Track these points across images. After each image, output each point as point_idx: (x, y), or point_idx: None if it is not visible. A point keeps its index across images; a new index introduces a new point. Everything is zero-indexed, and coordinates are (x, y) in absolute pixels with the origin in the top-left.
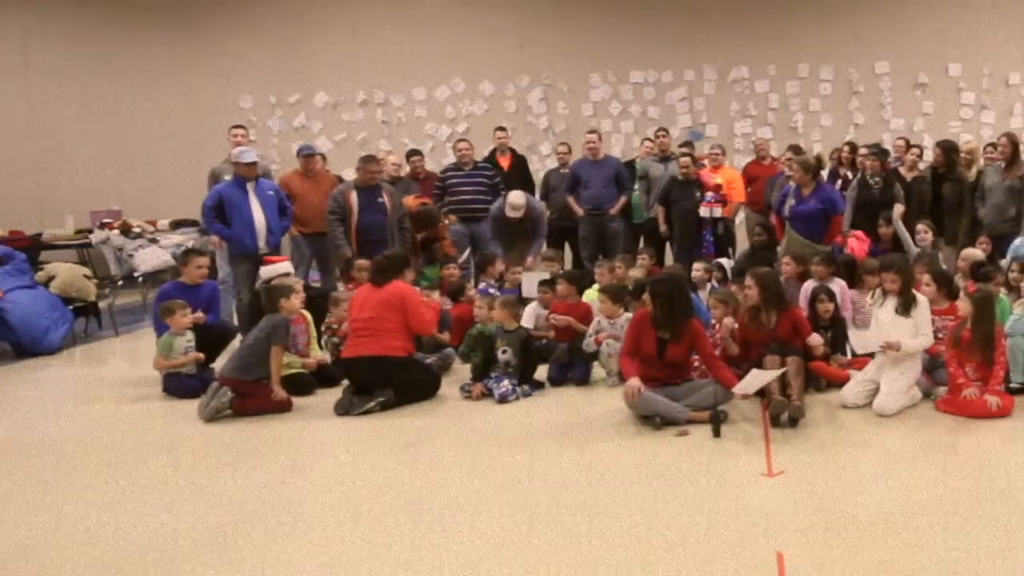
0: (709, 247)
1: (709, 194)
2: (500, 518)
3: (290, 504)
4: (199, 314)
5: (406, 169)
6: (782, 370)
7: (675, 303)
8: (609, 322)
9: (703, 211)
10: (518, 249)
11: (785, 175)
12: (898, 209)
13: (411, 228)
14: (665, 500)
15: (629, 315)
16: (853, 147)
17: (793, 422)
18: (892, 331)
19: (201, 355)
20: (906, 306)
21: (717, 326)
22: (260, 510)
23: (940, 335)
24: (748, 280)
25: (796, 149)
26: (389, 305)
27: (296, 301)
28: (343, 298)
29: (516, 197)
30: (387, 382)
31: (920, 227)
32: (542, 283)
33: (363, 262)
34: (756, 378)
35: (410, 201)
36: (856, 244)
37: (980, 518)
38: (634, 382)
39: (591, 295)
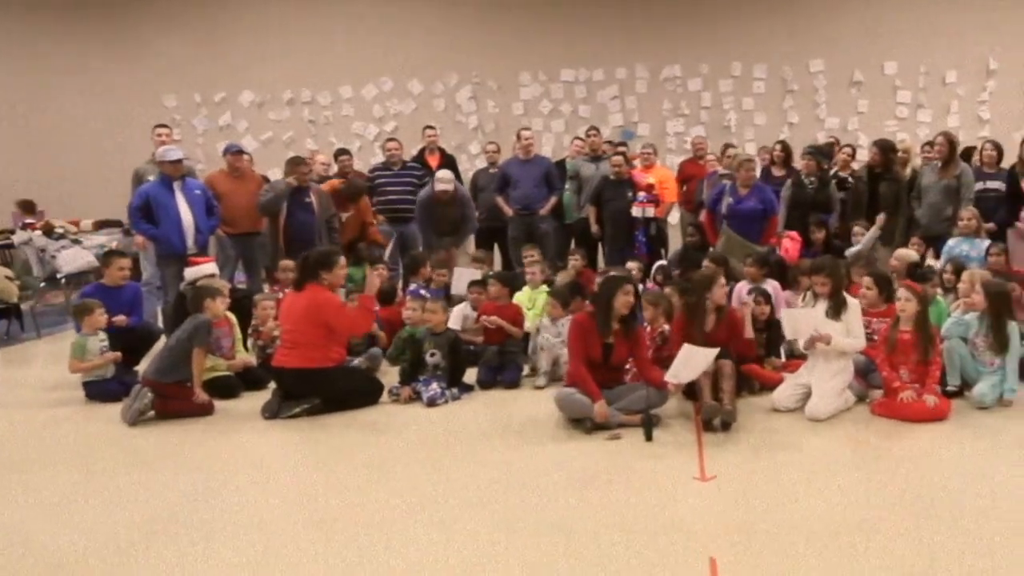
0: (641, 248)
1: (641, 194)
2: (430, 523)
3: (211, 510)
4: (121, 317)
5: (335, 168)
6: (715, 350)
7: (632, 307)
8: (552, 323)
9: (635, 211)
10: (446, 245)
11: (720, 174)
12: (880, 218)
13: (338, 217)
14: (596, 505)
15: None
16: (785, 146)
17: (726, 426)
18: (827, 327)
19: (118, 355)
20: (836, 309)
21: (649, 328)
22: (180, 516)
23: (873, 337)
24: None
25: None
26: (307, 318)
27: (220, 304)
28: (266, 300)
29: (444, 173)
30: (316, 392)
31: (856, 228)
32: (473, 283)
33: (288, 263)
34: (687, 359)
35: (332, 183)
36: (790, 245)
37: (917, 523)
38: (603, 408)
39: (521, 298)
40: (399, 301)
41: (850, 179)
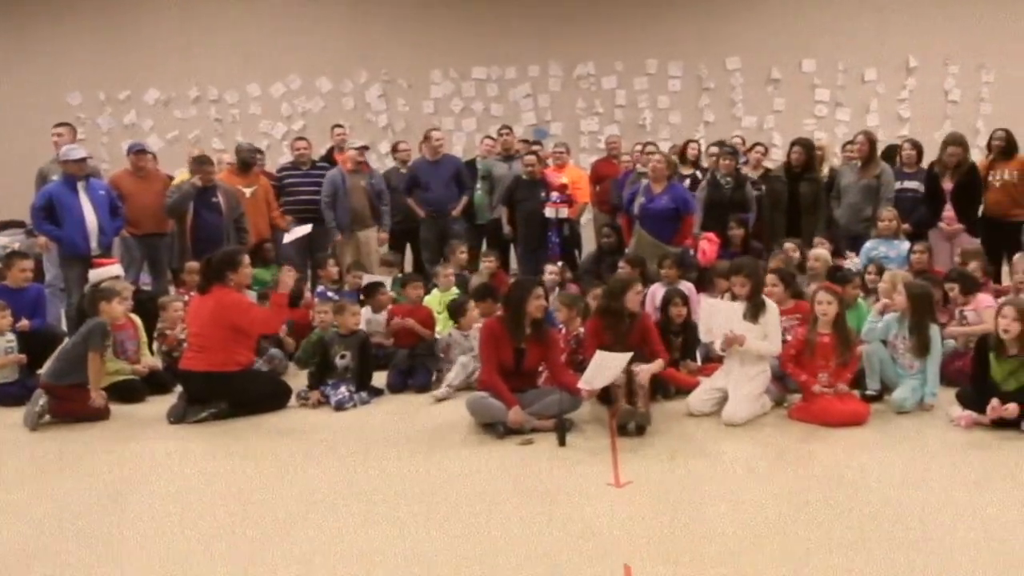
0: (555, 249)
1: (554, 194)
2: (339, 530)
3: (114, 520)
4: (24, 322)
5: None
6: (627, 355)
7: (544, 311)
8: (463, 334)
9: (548, 212)
10: (355, 233)
11: (636, 173)
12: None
13: (246, 217)
14: (509, 511)
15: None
16: (698, 147)
17: (640, 430)
18: (744, 330)
19: (22, 357)
20: (755, 311)
21: (563, 329)
22: (83, 526)
23: (787, 336)
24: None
25: (654, 146)
26: (215, 320)
27: (118, 306)
28: (172, 303)
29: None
30: (224, 396)
31: (788, 245)
32: (369, 287)
33: (194, 264)
34: (600, 366)
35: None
36: (707, 246)
37: (836, 530)
38: (518, 414)
39: (431, 301)
40: (306, 303)
41: (756, 179)
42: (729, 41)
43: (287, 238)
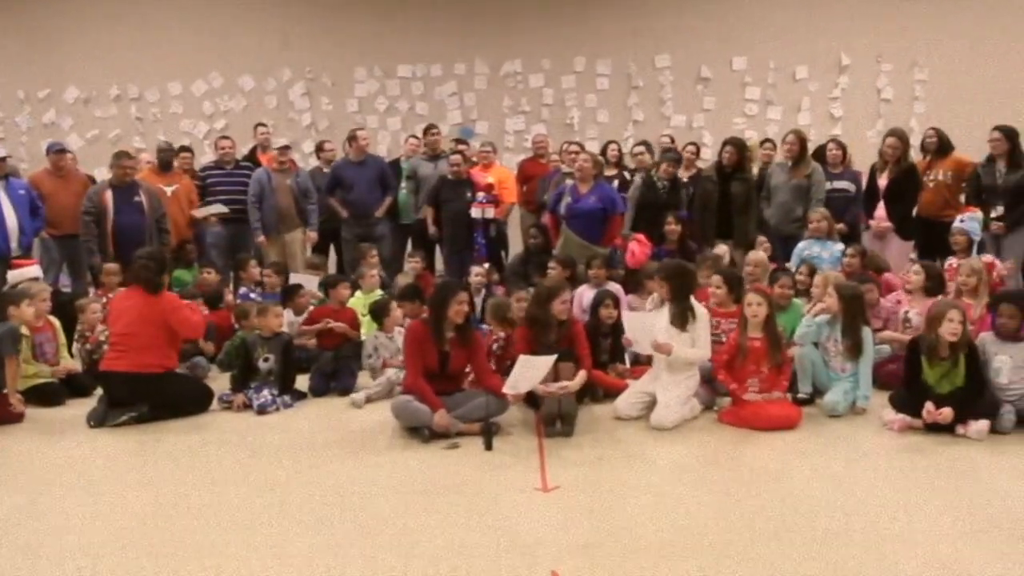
0: (481, 250)
1: (481, 194)
2: (265, 536)
3: (33, 530)
4: None
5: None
6: (552, 357)
7: (468, 314)
8: (387, 336)
9: (474, 212)
10: (280, 234)
11: (562, 173)
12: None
13: (169, 229)
14: (434, 517)
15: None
16: (619, 148)
17: (568, 426)
18: (666, 339)
19: None
20: (682, 317)
21: (491, 335)
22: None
23: (726, 338)
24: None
25: (579, 146)
26: (146, 318)
27: (27, 309)
28: (91, 304)
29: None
30: (146, 398)
31: (722, 247)
32: (289, 288)
33: (112, 266)
34: (524, 370)
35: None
36: (636, 248)
37: (768, 535)
38: (444, 417)
39: (355, 302)
40: (227, 304)
41: (687, 179)
42: (658, 39)
43: (198, 213)
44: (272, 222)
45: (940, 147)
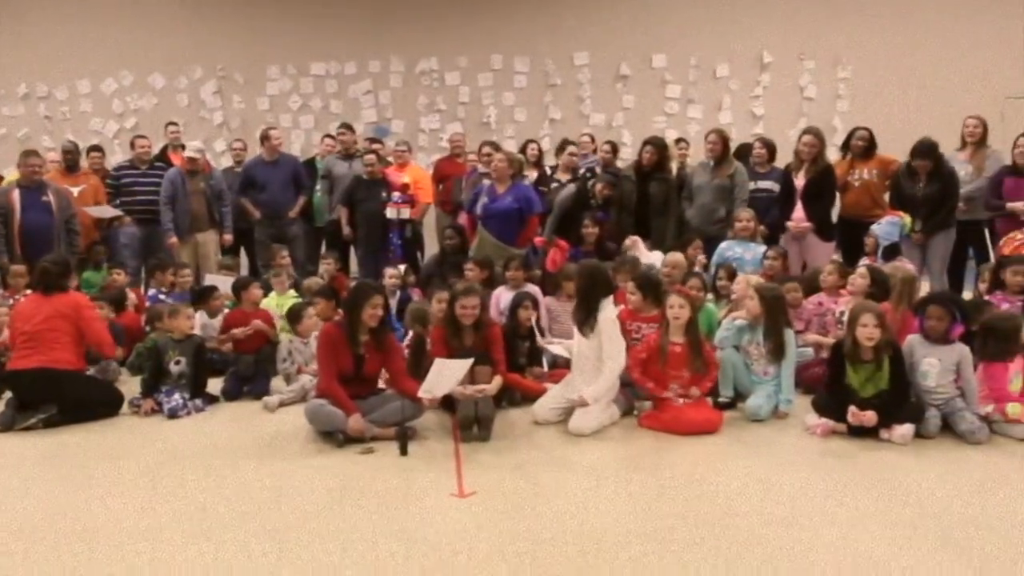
0: (396, 251)
1: (396, 194)
2: (178, 545)
3: None
4: None
5: (83, 166)
6: (468, 361)
7: (382, 318)
8: (302, 342)
9: (389, 212)
10: (192, 236)
11: (479, 172)
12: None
13: (79, 230)
14: (349, 522)
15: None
16: (539, 147)
17: (485, 429)
18: (579, 342)
19: None
20: (587, 320)
21: (409, 338)
22: None
23: (644, 338)
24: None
25: (494, 146)
26: (60, 315)
27: None
28: None
29: (195, 142)
30: (56, 397)
31: (628, 242)
32: (202, 290)
33: (19, 268)
34: (440, 373)
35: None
36: (557, 253)
37: (687, 541)
38: (358, 422)
39: (268, 303)
40: (135, 306)
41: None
42: (577, 36)
43: (91, 210)
44: (185, 224)
45: (868, 148)
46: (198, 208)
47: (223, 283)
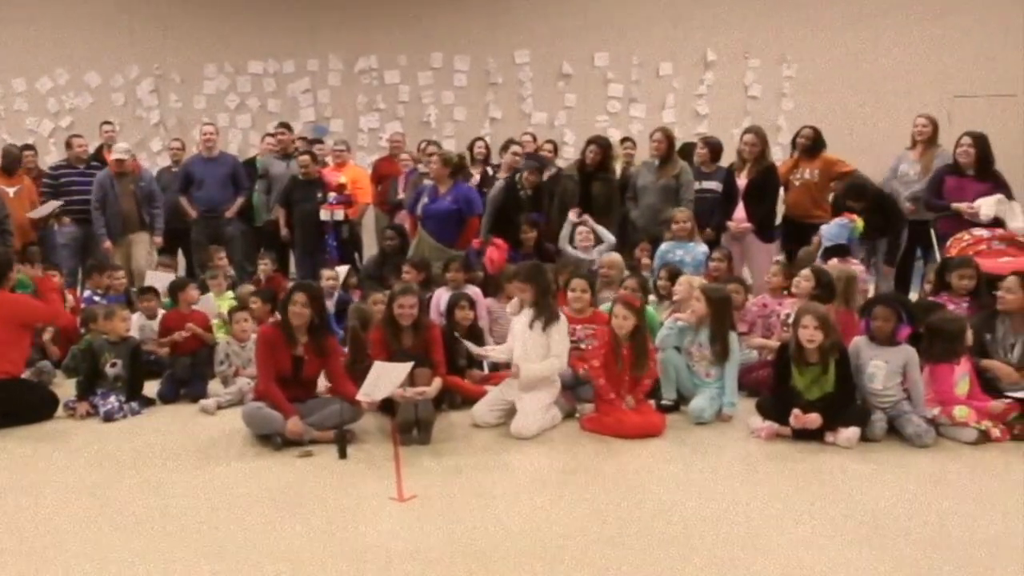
0: (332, 252)
1: (332, 195)
2: (114, 550)
3: None
4: None
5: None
6: (408, 365)
7: (313, 315)
8: (240, 345)
9: (323, 214)
10: (126, 238)
11: (419, 172)
12: (575, 212)
13: (12, 231)
14: (287, 527)
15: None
16: (487, 145)
17: (425, 432)
18: (523, 343)
19: None
20: (545, 320)
21: (350, 342)
22: None
23: (584, 345)
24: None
25: (436, 145)
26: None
27: None
28: None
29: (122, 143)
30: None
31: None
32: (144, 290)
33: None
34: (379, 377)
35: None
36: (495, 252)
37: (632, 544)
38: (296, 424)
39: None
40: (72, 308)
41: (546, 179)
42: (518, 34)
43: (33, 214)
44: (117, 226)
45: (812, 146)
46: (129, 210)
47: (162, 280)
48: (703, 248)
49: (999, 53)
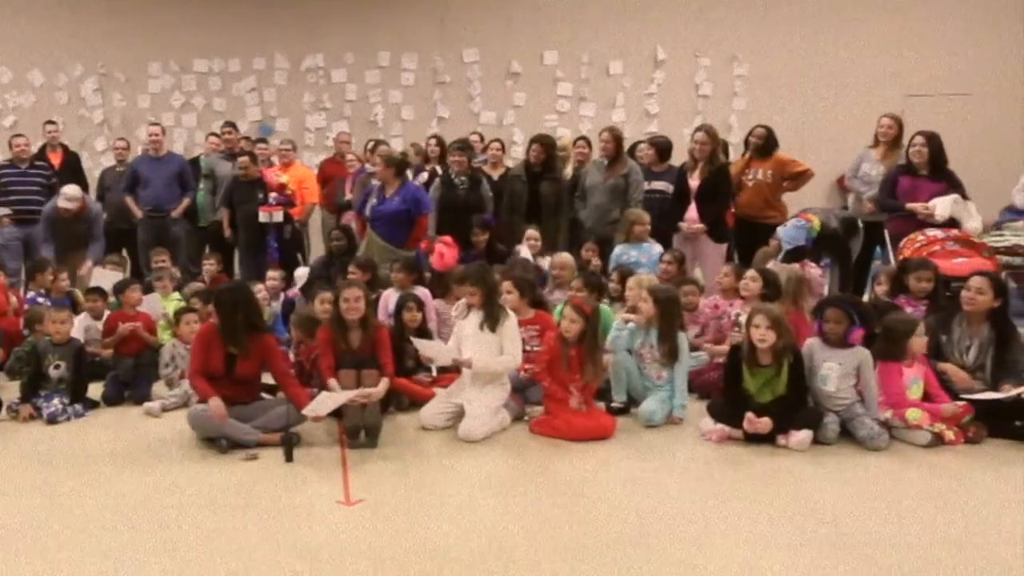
0: (274, 254)
1: (273, 195)
2: (56, 553)
3: None
4: None
5: None
6: (353, 393)
7: (242, 314)
8: (185, 347)
9: (261, 216)
10: (72, 256)
11: (367, 172)
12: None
13: None
14: (230, 531)
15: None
16: (440, 141)
17: (371, 438)
18: (474, 346)
19: None
20: (492, 321)
21: (301, 346)
22: None
23: (527, 347)
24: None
25: (384, 144)
26: None
27: None
28: None
29: (71, 189)
30: None
31: (530, 232)
32: (91, 291)
33: None
34: (326, 400)
35: None
36: (444, 250)
37: (582, 547)
38: (217, 403)
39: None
40: (14, 309)
41: (496, 178)
42: (467, 32)
43: None
44: (61, 248)
45: (764, 146)
46: (74, 239)
47: (109, 280)
48: (658, 249)
49: (952, 52)
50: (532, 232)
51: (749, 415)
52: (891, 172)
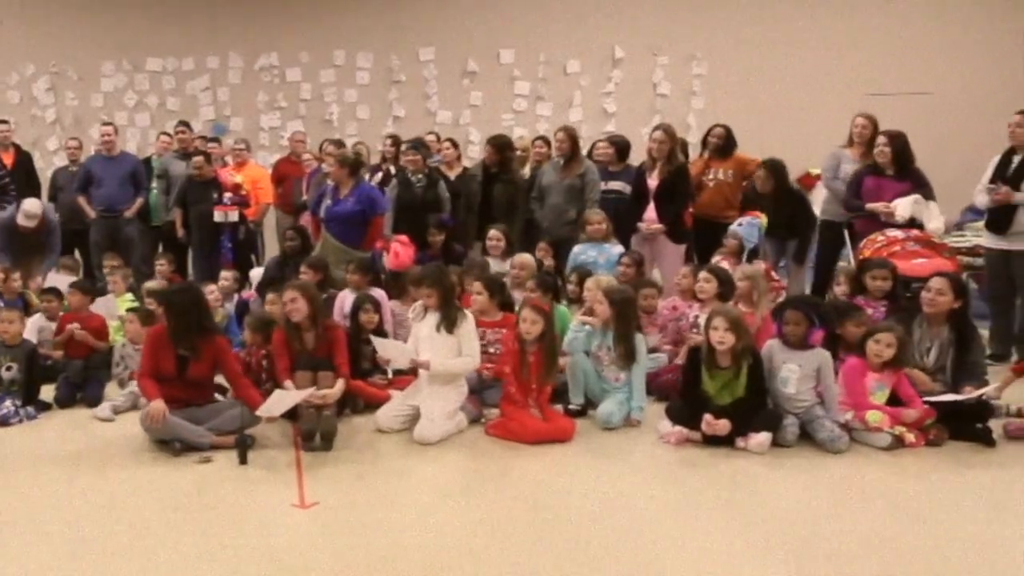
0: (227, 254)
1: (227, 195)
2: (11, 553)
3: None
4: None
5: None
6: (308, 391)
7: (193, 316)
8: (135, 348)
9: (217, 216)
10: (27, 263)
11: (323, 172)
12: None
13: None
14: (183, 534)
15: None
16: (396, 141)
17: (327, 441)
18: (431, 348)
19: None
20: (449, 322)
21: (252, 347)
22: None
23: (492, 349)
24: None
25: (338, 143)
26: None
27: None
28: None
29: (32, 205)
30: None
31: (492, 232)
32: (45, 291)
33: None
34: (281, 399)
35: None
36: (400, 249)
37: (539, 551)
38: (158, 404)
39: (99, 306)
40: None
41: (453, 178)
42: (422, 31)
43: None
44: (16, 255)
45: (724, 146)
46: (31, 248)
47: (64, 282)
48: (618, 249)
49: (913, 50)
50: (495, 232)
51: (707, 417)
52: (857, 172)
